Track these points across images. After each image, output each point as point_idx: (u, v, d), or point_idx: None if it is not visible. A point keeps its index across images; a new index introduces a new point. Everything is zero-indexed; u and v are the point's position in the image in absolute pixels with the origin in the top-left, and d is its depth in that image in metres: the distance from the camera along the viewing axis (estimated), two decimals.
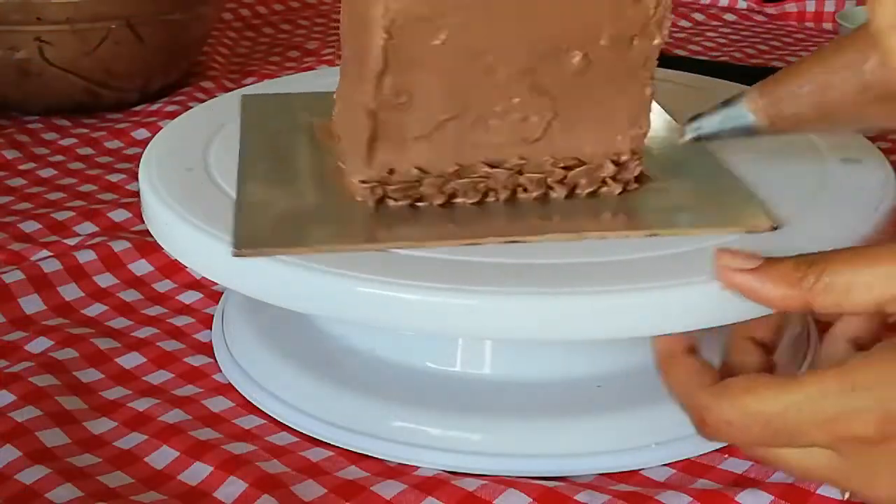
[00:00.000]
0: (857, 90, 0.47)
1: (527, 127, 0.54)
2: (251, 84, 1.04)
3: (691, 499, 0.50)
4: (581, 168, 0.55)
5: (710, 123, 0.52)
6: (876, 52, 0.45)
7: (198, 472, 0.53)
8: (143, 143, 0.73)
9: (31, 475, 0.52)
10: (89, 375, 0.61)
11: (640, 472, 0.53)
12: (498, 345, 0.56)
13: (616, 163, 0.55)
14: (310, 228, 0.52)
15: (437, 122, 0.53)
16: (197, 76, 1.07)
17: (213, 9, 1.04)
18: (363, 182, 0.53)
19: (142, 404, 0.58)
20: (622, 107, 0.54)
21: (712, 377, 0.45)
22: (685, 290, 0.48)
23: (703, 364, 0.46)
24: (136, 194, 0.62)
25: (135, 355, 0.63)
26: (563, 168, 0.55)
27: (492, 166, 0.54)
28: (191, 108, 0.93)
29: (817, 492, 0.50)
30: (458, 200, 0.54)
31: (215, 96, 0.98)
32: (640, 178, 0.56)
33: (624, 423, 0.54)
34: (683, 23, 1.28)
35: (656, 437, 0.54)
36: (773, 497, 0.50)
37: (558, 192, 0.55)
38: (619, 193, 0.55)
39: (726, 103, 0.52)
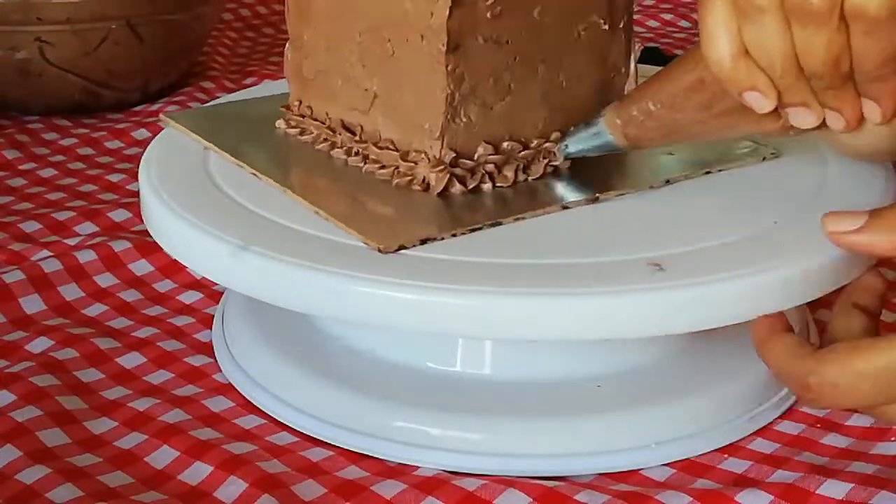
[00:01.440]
0: (700, 107, 0.51)
1: (361, 96, 0.58)
2: (251, 84, 1.04)
3: (691, 499, 0.50)
4: (390, 152, 0.57)
5: (575, 143, 0.56)
6: (711, 73, 0.48)
7: (198, 472, 0.53)
8: (144, 143, 0.73)
9: (31, 475, 0.52)
10: (89, 375, 0.61)
11: (640, 472, 0.53)
12: (498, 345, 0.56)
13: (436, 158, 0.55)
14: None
15: (316, 71, 0.61)
16: (197, 76, 1.07)
17: (213, 9, 1.04)
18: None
19: (142, 404, 0.58)
20: (423, 105, 0.55)
21: (812, 348, 0.47)
22: (686, 290, 0.48)
23: (800, 339, 0.48)
24: (137, 194, 0.62)
25: (135, 355, 0.63)
26: (377, 146, 0.57)
27: (344, 125, 0.60)
28: (191, 108, 0.94)
29: (817, 492, 0.50)
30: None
31: (215, 96, 0.98)
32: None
33: (624, 423, 0.54)
34: (683, 23, 1.28)
35: (656, 437, 0.54)
36: (773, 497, 0.50)
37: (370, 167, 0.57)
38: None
39: (588, 124, 0.55)
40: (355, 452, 0.54)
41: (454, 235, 0.52)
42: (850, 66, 0.46)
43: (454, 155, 0.55)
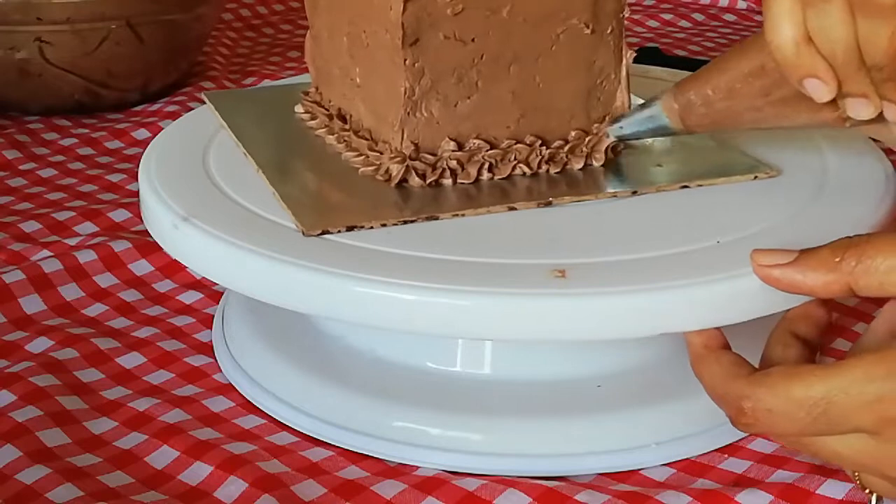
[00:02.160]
0: (758, 94, 0.51)
1: (349, 85, 0.60)
2: (251, 84, 1.04)
3: (691, 499, 0.50)
4: (364, 141, 0.58)
5: (629, 124, 0.56)
6: (772, 59, 0.48)
7: (198, 472, 0.53)
8: (143, 143, 0.73)
9: (31, 475, 0.52)
10: (89, 375, 0.61)
11: (640, 471, 0.53)
12: (498, 345, 0.56)
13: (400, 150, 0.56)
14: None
15: (323, 59, 0.63)
16: (197, 76, 1.07)
17: (213, 9, 1.04)
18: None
19: (142, 404, 0.58)
20: (388, 97, 0.56)
21: (748, 370, 0.46)
22: (688, 290, 0.48)
23: (738, 358, 0.47)
24: (136, 194, 0.62)
25: (135, 355, 0.63)
26: (357, 135, 0.59)
27: (339, 113, 0.61)
28: (191, 108, 0.94)
29: (817, 492, 0.50)
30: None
31: None
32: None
33: (624, 423, 0.54)
34: (683, 23, 1.28)
35: (656, 437, 0.54)
36: (772, 497, 0.50)
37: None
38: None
39: (645, 105, 0.56)
40: (355, 452, 0.54)
41: (383, 226, 0.52)
42: None
43: (414, 148, 0.55)
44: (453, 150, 0.56)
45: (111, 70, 0.96)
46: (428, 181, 0.56)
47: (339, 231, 0.51)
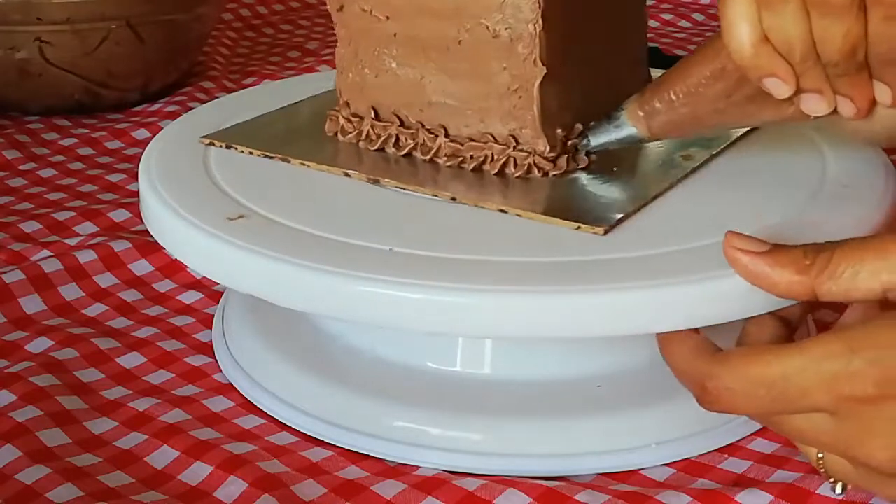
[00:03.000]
0: (721, 95, 0.52)
1: None
2: (251, 84, 1.04)
3: (691, 499, 0.50)
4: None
5: (597, 137, 0.56)
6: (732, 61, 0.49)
7: (198, 472, 0.53)
8: (143, 143, 0.73)
9: (31, 475, 0.52)
10: (89, 375, 0.61)
11: (640, 471, 0.53)
12: (498, 344, 0.56)
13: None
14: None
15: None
16: (197, 76, 1.07)
17: (213, 9, 1.04)
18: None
19: (142, 404, 0.58)
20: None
21: (712, 349, 0.46)
22: (687, 287, 0.48)
23: (704, 339, 0.47)
24: (136, 194, 0.62)
25: (135, 355, 0.63)
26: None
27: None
28: (191, 108, 0.94)
29: (817, 492, 0.50)
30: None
31: (215, 96, 0.98)
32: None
33: (624, 423, 0.54)
34: (683, 23, 1.28)
35: (656, 437, 0.54)
36: (772, 497, 0.50)
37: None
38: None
39: (610, 117, 0.56)
40: (355, 452, 0.54)
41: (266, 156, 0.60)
42: (866, 53, 0.47)
43: (346, 107, 0.62)
44: (372, 119, 0.60)
45: (111, 70, 0.96)
46: (347, 138, 0.61)
47: (220, 146, 0.60)
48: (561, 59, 0.56)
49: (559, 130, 0.56)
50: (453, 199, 0.55)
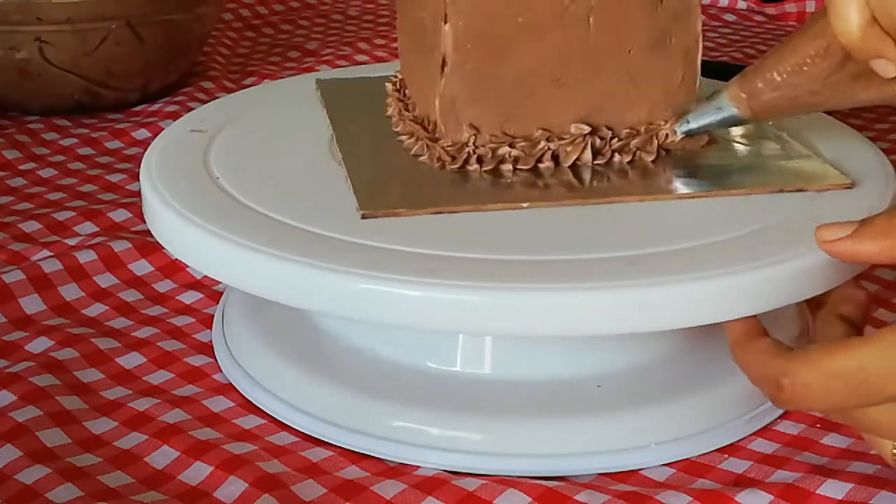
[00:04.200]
0: (826, 73, 0.52)
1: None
2: (251, 84, 1.04)
3: (691, 499, 0.50)
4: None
5: (697, 119, 0.57)
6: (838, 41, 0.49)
7: (198, 472, 0.53)
8: (144, 143, 0.73)
9: (31, 475, 0.52)
10: (89, 375, 0.61)
11: (640, 471, 0.53)
12: (498, 344, 0.56)
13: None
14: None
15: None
16: (197, 76, 1.07)
17: (213, 9, 1.04)
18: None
19: (142, 404, 0.58)
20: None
21: (786, 349, 0.47)
22: (689, 284, 0.48)
23: (776, 341, 0.48)
24: (137, 194, 0.62)
25: (135, 355, 0.63)
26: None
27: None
28: (191, 108, 0.94)
29: (817, 492, 0.50)
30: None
31: (215, 96, 0.98)
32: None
33: (624, 423, 0.54)
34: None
35: (656, 437, 0.54)
36: (772, 497, 0.50)
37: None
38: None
39: (711, 98, 0.57)
40: (355, 452, 0.54)
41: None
42: None
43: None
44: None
45: (111, 70, 0.96)
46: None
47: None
48: None
49: None
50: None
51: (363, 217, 0.53)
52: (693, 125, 0.58)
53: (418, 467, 0.53)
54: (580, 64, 0.57)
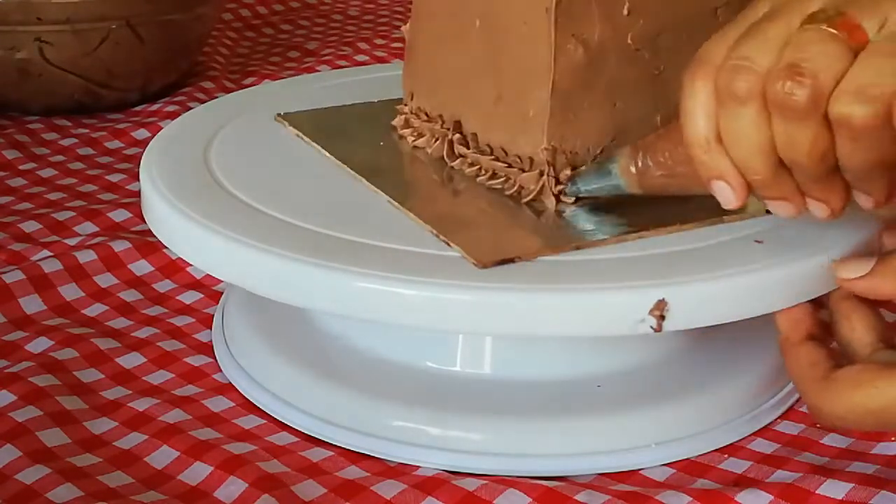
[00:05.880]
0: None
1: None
2: (251, 84, 1.04)
3: (691, 499, 0.50)
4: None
5: (587, 186, 0.54)
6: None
7: (198, 472, 0.53)
8: (144, 143, 0.73)
9: (31, 475, 0.52)
10: (89, 375, 0.61)
11: (640, 472, 0.53)
12: (498, 344, 0.56)
13: None
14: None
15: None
16: (197, 76, 1.07)
17: (213, 9, 1.04)
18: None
19: (142, 404, 0.58)
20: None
21: (822, 371, 0.47)
22: (686, 286, 0.48)
23: (819, 354, 0.48)
24: (137, 194, 0.62)
25: (135, 355, 0.63)
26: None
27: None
28: (191, 108, 0.94)
29: (817, 492, 0.50)
30: None
31: (215, 96, 0.98)
32: None
33: (624, 423, 0.54)
34: None
35: (656, 437, 0.54)
36: (772, 497, 0.50)
37: None
38: None
39: (601, 167, 0.53)
40: (355, 452, 0.54)
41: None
42: (836, 160, 0.43)
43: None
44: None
45: (111, 70, 0.96)
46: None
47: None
48: None
49: None
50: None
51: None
52: (581, 188, 0.54)
53: (418, 467, 0.53)
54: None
